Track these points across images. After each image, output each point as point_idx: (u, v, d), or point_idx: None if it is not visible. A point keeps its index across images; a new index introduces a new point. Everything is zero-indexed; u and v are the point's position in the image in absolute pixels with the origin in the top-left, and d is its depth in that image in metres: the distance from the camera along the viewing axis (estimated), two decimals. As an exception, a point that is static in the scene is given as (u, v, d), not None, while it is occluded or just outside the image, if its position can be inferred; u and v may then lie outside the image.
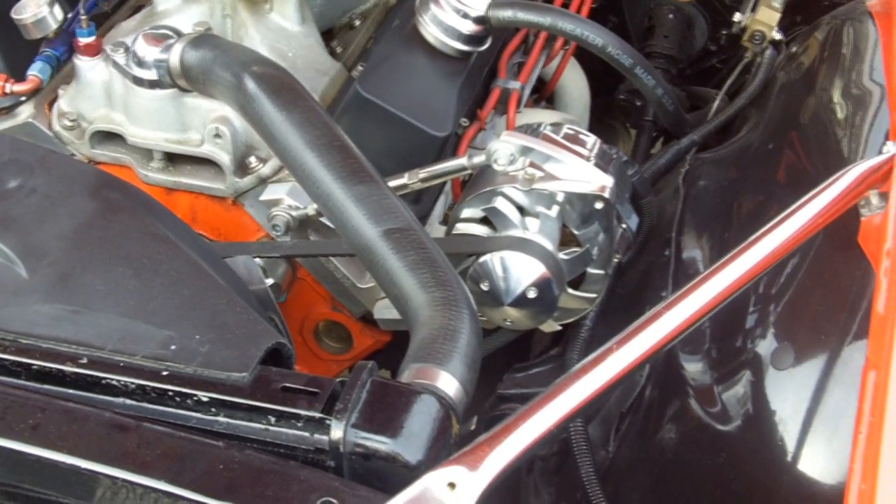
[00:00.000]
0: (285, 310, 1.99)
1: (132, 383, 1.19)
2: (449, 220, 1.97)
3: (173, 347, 1.23)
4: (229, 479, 1.10)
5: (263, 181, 2.06)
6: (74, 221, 1.41)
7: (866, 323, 1.36)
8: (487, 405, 2.01)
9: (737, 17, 2.54)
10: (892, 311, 1.28)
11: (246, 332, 1.26)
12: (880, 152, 1.55)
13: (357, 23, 2.38)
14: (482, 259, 1.84)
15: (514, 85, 2.27)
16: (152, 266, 1.36)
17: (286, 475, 1.11)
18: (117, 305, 1.30)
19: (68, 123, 2.10)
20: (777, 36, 2.49)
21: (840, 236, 1.56)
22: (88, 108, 2.10)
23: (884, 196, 1.50)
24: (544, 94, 2.58)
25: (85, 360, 1.21)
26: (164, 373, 1.20)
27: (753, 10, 2.52)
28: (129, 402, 1.20)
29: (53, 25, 2.09)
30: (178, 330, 1.25)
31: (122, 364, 1.21)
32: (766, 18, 2.49)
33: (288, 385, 1.18)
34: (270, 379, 1.19)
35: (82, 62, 2.07)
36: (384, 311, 2.08)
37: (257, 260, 1.85)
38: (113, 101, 2.07)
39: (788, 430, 1.51)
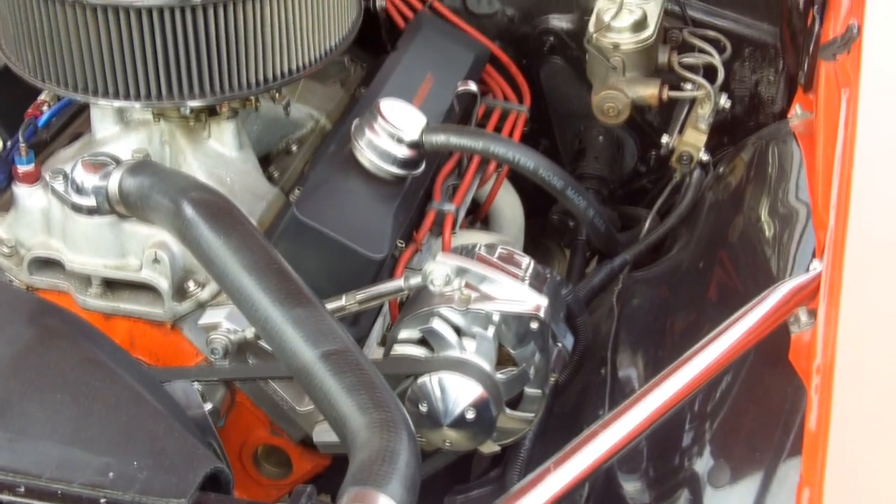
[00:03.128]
0: (224, 434, 1.98)
1: (70, 511, 1.19)
2: (387, 341, 1.98)
3: (111, 474, 1.22)
4: None
5: (202, 305, 2.06)
6: (12, 348, 1.41)
7: (800, 440, 1.37)
8: (428, 527, 2.00)
9: (665, 139, 2.59)
10: (824, 427, 1.30)
11: (184, 457, 1.26)
12: (808, 270, 1.58)
13: (294, 148, 2.41)
14: (420, 380, 1.84)
15: (449, 207, 2.30)
16: (90, 392, 1.36)
17: None
18: (55, 432, 1.29)
19: (6, 250, 2.10)
20: (704, 157, 2.54)
21: (771, 353, 1.58)
22: (27, 236, 2.10)
23: (812, 313, 1.52)
24: (479, 215, 2.61)
25: (22, 489, 1.20)
26: (103, 500, 1.19)
27: (681, 132, 2.57)
28: (67, 530, 1.19)
29: (-8, 154, 2.10)
30: (117, 456, 1.25)
31: (59, 492, 1.20)
32: (693, 140, 2.54)
33: (227, 511, 1.18)
34: (209, 504, 1.19)
35: (21, 190, 2.08)
36: (323, 434, 2.07)
37: (195, 384, 1.85)
38: (51, 227, 2.07)
39: (728, 548, 1.52)
